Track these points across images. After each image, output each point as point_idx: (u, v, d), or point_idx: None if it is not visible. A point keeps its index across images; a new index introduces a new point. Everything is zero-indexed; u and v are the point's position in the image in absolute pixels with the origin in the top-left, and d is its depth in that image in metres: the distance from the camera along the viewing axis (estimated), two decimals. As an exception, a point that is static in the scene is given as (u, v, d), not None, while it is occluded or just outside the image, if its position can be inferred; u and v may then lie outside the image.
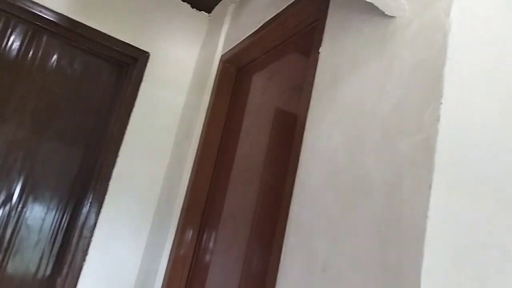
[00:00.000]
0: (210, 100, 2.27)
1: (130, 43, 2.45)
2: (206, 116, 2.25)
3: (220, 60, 2.33)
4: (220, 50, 2.38)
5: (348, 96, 1.24)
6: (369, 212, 1.00)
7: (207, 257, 1.94)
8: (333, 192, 1.14)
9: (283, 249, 1.29)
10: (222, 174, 2.10)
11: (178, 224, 2.07)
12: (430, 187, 0.86)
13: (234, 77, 2.31)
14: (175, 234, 2.06)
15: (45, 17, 2.24)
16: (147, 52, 2.49)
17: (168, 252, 2.04)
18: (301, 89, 1.64)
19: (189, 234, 2.05)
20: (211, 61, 2.39)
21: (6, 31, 2.23)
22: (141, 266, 2.26)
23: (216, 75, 2.31)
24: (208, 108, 2.26)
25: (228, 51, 2.27)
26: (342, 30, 1.38)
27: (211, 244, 1.95)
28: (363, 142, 1.10)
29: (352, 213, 1.05)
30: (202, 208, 2.10)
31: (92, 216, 2.21)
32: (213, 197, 2.10)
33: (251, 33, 2.08)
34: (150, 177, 2.39)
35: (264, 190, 1.70)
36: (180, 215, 2.09)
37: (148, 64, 2.47)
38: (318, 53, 1.46)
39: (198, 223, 2.08)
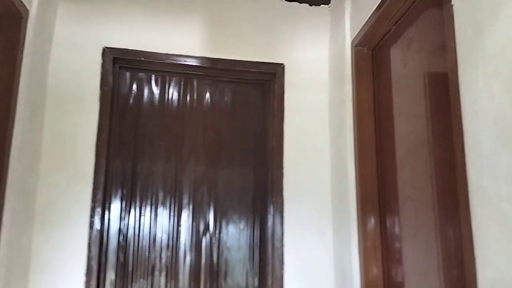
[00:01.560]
0: (352, 88, 2.24)
1: (265, 61, 2.58)
2: (353, 105, 2.22)
3: (352, 46, 2.28)
4: (348, 36, 2.33)
5: (499, 42, 1.09)
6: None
7: (396, 243, 1.90)
8: (510, 151, 1.02)
9: (472, 222, 1.19)
10: (387, 158, 2.04)
11: (357, 217, 2.08)
12: None
13: (370, 58, 2.24)
14: (358, 227, 2.07)
15: (190, 64, 2.52)
16: (281, 64, 2.59)
17: (356, 245, 2.06)
18: (443, 48, 1.51)
19: (371, 224, 2.04)
20: (343, 50, 2.36)
21: (165, 86, 2.58)
22: (335, 264, 2.33)
23: (352, 62, 2.27)
24: (353, 97, 2.23)
25: (357, 34, 2.21)
26: (471, -29, 1.23)
27: (396, 230, 1.91)
28: (532, 87, 0.96)
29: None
30: (376, 197, 2.07)
31: (278, 227, 2.37)
32: (384, 183, 2.05)
33: (375, 8, 1.99)
34: (317, 179, 2.46)
35: (435, 164, 1.60)
36: (357, 207, 2.09)
37: (286, 74, 2.57)
38: (451, 5, 1.32)
39: (377, 212, 2.06)
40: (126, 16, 2.49)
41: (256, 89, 2.67)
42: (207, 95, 2.61)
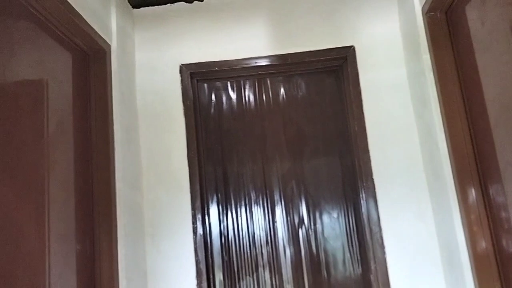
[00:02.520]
0: (431, 58, 2.13)
1: (334, 47, 2.55)
2: (434, 75, 2.11)
3: (423, 13, 2.17)
4: (418, 3, 2.22)
5: None
6: None
7: (503, 212, 1.77)
8: None
9: None
10: (479, 124, 1.91)
11: (456, 191, 1.98)
12: None
13: (444, 22, 2.10)
14: (458, 201, 1.97)
15: (261, 65, 2.58)
16: (351, 46, 2.54)
17: (459, 220, 1.96)
18: (523, -4, 1.38)
19: (472, 196, 1.92)
20: (413, 19, 2.25)
21: (241, 90, 2.67)
22: (439, 242, 2.23)
23: (426, 30, 2.16)
24: (433, 66, 2.12)
25: (427, 0, 2.10)
26: None
27: (501, 198, 1.78)
28: None
29: None
30: (473, 167, 1.95)
31: (373, 212, 2.33)
32: (480, 151, 1.92)
33: (440, -31, 1.88)
34: (407, 157, 2.37)
35: (533, 123, 1.46)
36: (454, 181, 1.99)
37: (357, 56, 2.52)
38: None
39: (477, 183, 1.93)
40: (195, 32, 2.62)
41: (329, 76, 2.65)
42: (282, 91, 2.65)
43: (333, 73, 2.65)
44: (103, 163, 2.06)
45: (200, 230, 2.37)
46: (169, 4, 2.66)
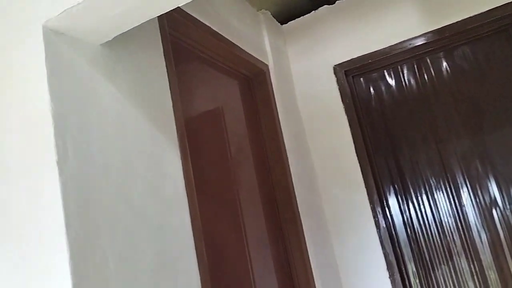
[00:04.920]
0: None
1: (496, 6, 2.28)
2: None
3: None
4: None
5: None
6: None
7: None
8: None
9: None
10: None
11: None
12: None
13: None
14: None
15: (416, 45, 2.47)
16: None
17: None
18: None
19: None
20: None
21: (400, 76, 2.59)
22: None
23: None
24: None
25: None
26: None
27: None
28: None
29: None
30: None
31: None
32: None
33: None
34: None
35: None
36: None
37: None
38: None
39: None
40: (342, 31, 2.66)
41: (499, 39, 2.38)
42: (445, 67, 2.48)
43: (503, 33, 2.37)
44: (280, 172, 2.25)
45: (382, 223, 2.37)
46: (313, 12, 2.76)
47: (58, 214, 0.92)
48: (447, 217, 2.35)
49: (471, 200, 2.31)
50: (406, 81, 2.57)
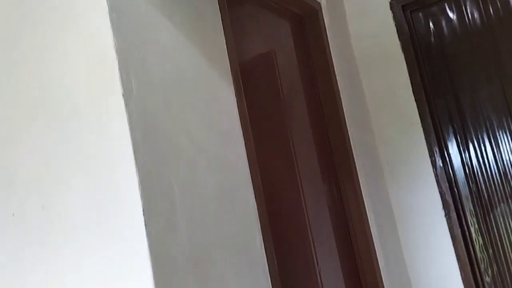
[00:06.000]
0: None
1: None
2: None
3: None
4: None
5: None
6: None
7: None
8: None
9: None
10: None
11: None
12: None
13: None
14: None
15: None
16: None
17: None
18: None
19: None
20: None
21: (462, 9, 2.41)
22: None
23: None
24: None
25: None
26: None
27: None
28: None
29: None
30: None
31: None
32: None
33: None
34: None
35: None
36: None
37: None
38: None
39: None
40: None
41: None
42: (514, -4, 2.29)
43: None
44: (333, 112, 2.25)
45: (439, 163, 2.33)
46: None
47: (127, 143, 0.99)
48: (509, 156, 2.26)
49: (537, 138, 2.20)
50: (469, 14, 2.40)
